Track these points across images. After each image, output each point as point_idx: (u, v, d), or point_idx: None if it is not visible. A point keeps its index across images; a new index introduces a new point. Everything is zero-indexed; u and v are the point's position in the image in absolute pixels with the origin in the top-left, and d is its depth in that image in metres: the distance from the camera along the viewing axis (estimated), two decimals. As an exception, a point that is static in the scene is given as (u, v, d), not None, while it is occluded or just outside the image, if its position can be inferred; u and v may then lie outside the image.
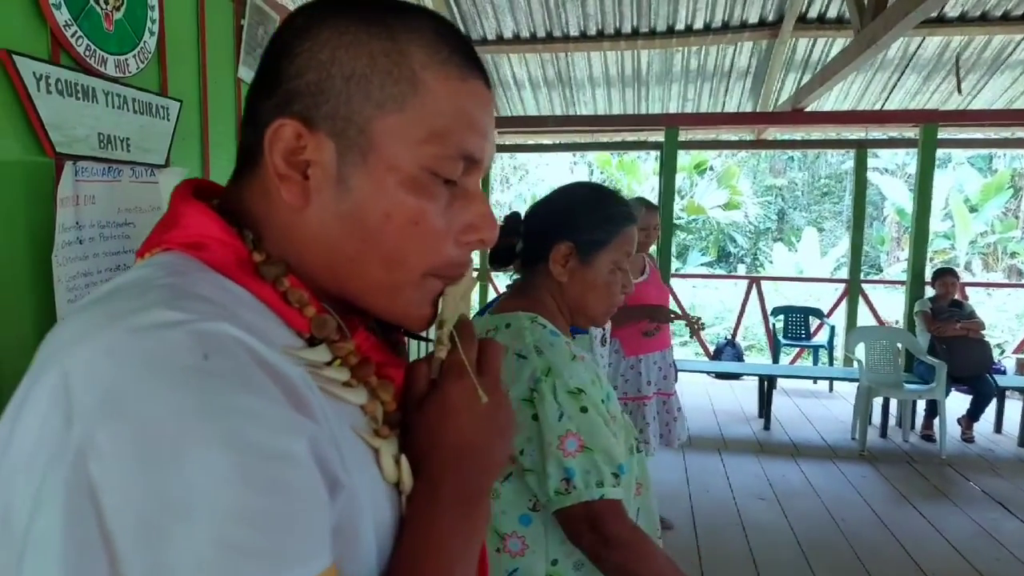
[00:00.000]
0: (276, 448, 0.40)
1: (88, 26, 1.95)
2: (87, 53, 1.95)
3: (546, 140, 7.71)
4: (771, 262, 17.21)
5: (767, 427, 5.41)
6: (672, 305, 4.24)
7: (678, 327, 4.35)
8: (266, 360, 0.44)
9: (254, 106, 0.55)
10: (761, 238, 18.83)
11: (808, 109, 5.88)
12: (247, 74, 2.81)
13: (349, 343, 0.55)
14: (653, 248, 3.53)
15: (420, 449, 0.57)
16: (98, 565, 0.36)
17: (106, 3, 2.00)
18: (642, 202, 3.32)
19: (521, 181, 18.00)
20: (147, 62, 2.21)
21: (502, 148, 7.37)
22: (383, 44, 0.52)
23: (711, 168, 17.34)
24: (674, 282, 7.92)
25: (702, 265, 17.90)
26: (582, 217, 1.27)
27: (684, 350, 10.17)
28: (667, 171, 5.64)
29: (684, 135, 7.11)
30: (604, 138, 7.66)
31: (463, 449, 0.57)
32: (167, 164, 2.31)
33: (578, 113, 7.40)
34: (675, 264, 17.80)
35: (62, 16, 1.90)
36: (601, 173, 16.83)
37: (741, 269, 17.95)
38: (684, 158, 17.30)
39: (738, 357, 7.50)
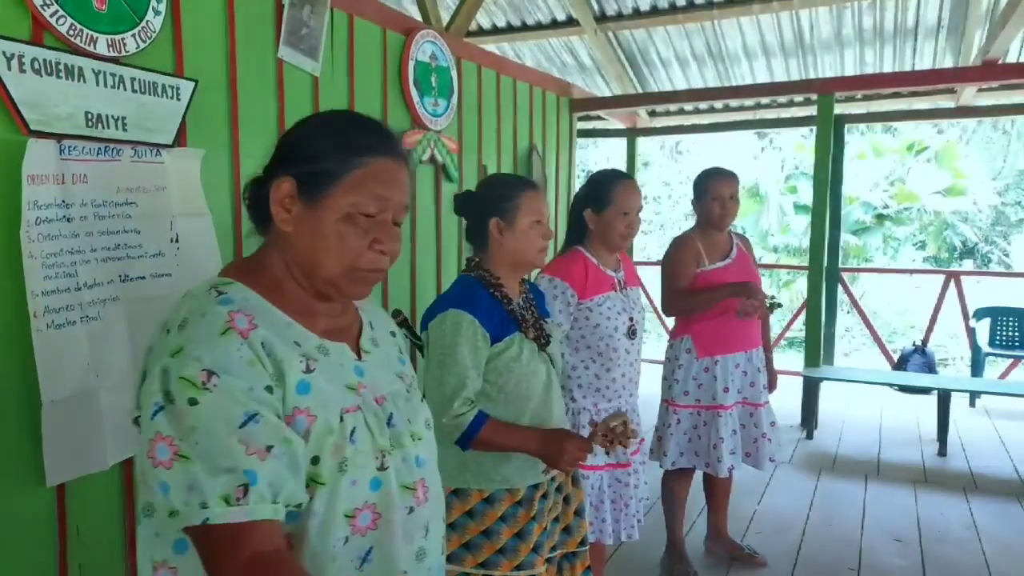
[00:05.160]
0: None
1: (72, 6, 1.96)
2: (71, 32, 1.97)
3: (702, 121, 7.09)
4: (1007, 258, 14.60)
5: (942, 452, 4.48)
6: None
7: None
8: None
9: None
10: (1013, 231, 16.05)
11: (1007, 61, 4.76)
12: (289, 55, 2.77)
13: None
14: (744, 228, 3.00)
15: None
16: None
17: (97, -17, 2.02)
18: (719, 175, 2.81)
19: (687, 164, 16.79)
20: (150, 41, 2.21)
21: (649, 132, 6.90)
22: None
23: (927, 148, 15.05)
24: (851, 279, 6.92)
25: (923, 261, 15.65)
26: (307, 145, 0.98)
27: (862, 358, 8.87)
28: (820, 148, 4.83)
29: (858, 108, 6.19)
30: (770, 115, 6.89)
31: None
32: (179, 144, 2.32)
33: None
34: (888, 260, 15.73)
35: (41, -3, 1.95)
36: (791, 156, 15.33)
37: (968, 267, 15.44)
38: (896, 139, 15.26)
39: (929, 367, 6.35)
